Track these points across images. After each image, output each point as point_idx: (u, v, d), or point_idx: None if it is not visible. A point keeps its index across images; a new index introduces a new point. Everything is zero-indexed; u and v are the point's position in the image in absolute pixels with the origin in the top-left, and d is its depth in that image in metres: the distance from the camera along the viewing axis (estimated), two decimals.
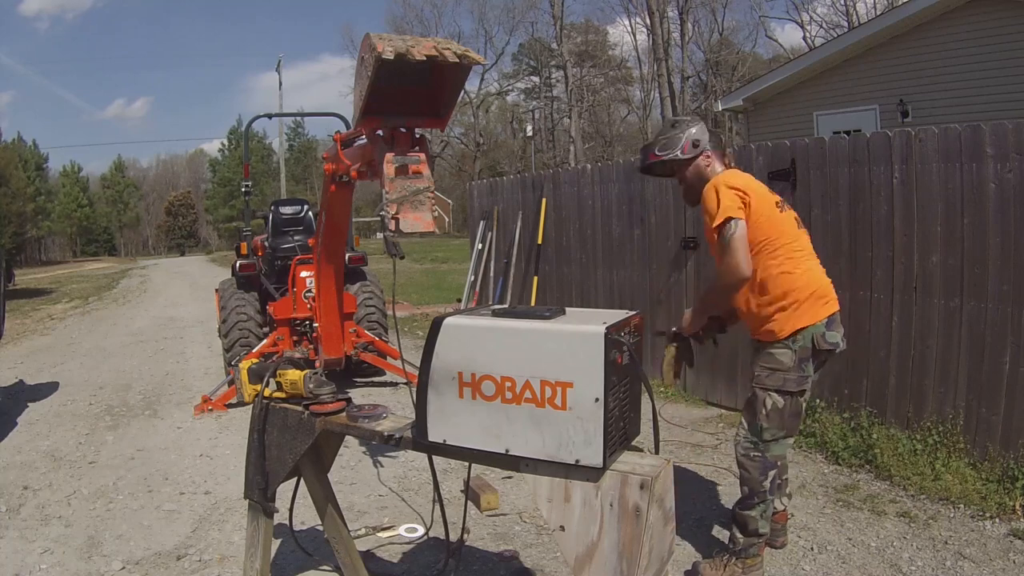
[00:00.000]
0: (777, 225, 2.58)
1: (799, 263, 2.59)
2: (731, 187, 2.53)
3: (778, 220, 2.59)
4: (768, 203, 2.59)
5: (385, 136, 2.42)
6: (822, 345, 2.57)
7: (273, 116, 8.49)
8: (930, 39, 9.29)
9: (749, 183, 2.59)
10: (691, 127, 2.71)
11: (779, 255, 2.56)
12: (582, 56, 38.46)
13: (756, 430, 2.64)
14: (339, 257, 3.58)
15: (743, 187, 2.54)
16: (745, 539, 2.63)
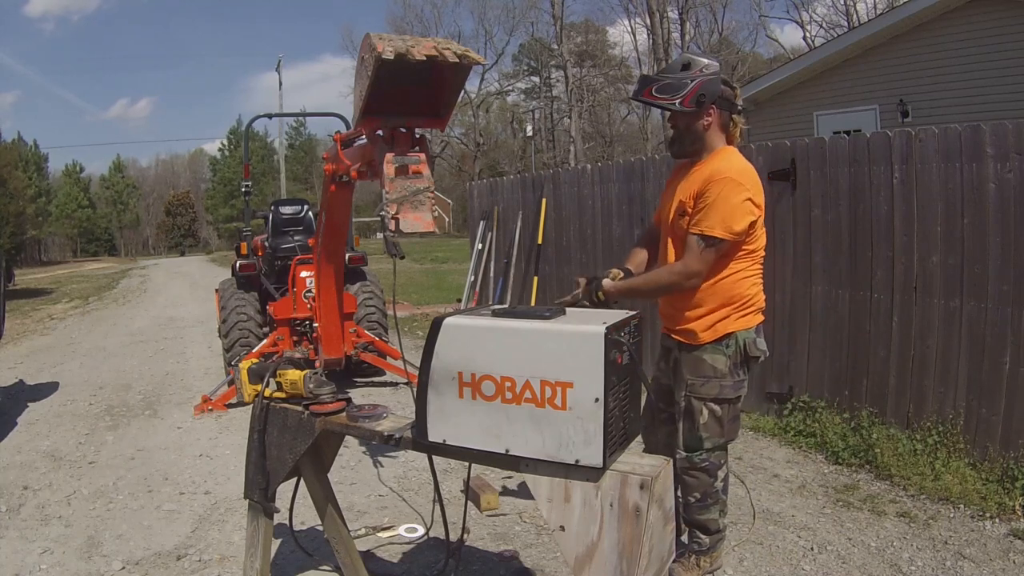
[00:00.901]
0: (760, 239, 2.49)
1: (759, 270, 2.52)
2: (750, 199, 2.36)
3: (762, 237, 2.50)
4: (763, 218, 2.47)
5: (385, 136, 2.42)
6: (753, 351, 2.47)
7: (273, 116, 8.50)
8: (930, 39, 9.29)
9: (760, 193, 2.44)
10: (702, 77, 2.37)
11: (749, 259, 2.47)
12: (582, 56, 38.46)
13: (696, 442, 2.49)
14: (339, 257, 3.58)
15: (760, 204, 2.40)
16: (710, 538, 2.57)
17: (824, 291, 4.23)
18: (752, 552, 2.90)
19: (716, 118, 2.43)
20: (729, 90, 2.44)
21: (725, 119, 2.45)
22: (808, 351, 4.34)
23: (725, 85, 2.42)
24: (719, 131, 2.47)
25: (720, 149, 2.48)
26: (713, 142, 2.47)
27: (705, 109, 2.39)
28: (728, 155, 2.46)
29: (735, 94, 2.47)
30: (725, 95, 2.42)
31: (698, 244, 2.35)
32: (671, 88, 2.38)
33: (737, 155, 2.49)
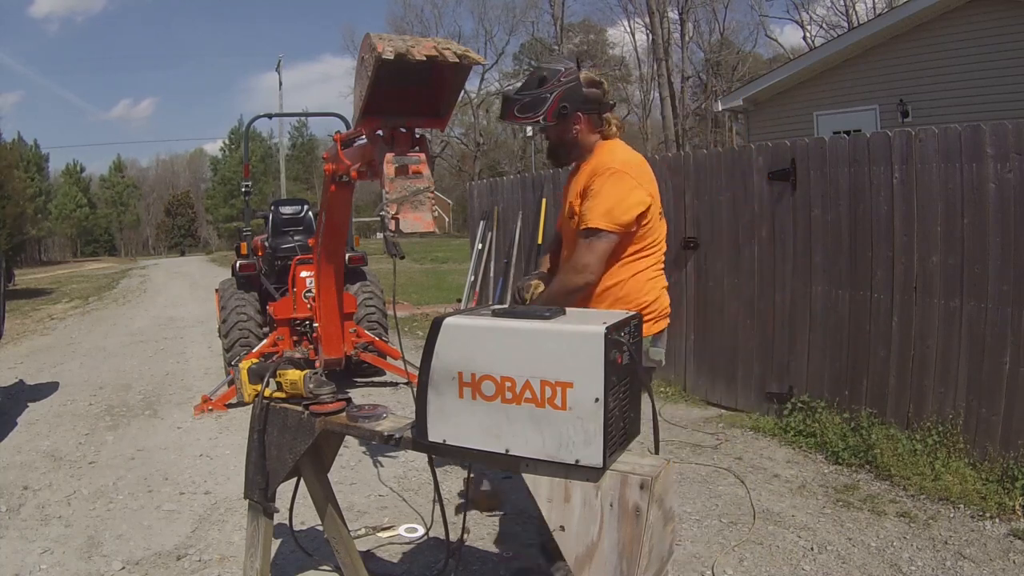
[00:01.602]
0: (657, 231, 2.37)
1: (659, 280, 2.41)
2: (637, 188, 2.25)
3: (659, 226, 2.38)
4: (657, 207, 2.36)
5: (385, 136, 2.42)
6: (647, 361, 2.35)
7: (273, 116, 8.51)
8: (930, 39, 9.29)
9: (651, 182, 2.34)
10: (560, 87, 2.28)
11: (648, 257, 2.36)
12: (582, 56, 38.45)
13: None
14: (339, 257, 3.58)
15: (652, 193, 2.30)
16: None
17: (824, 291, 4.23)
18: (752, 552, 2.90)
19: (584, 123, 2.36)
20: (594, 90, 2.35)
21: (595, 120, 2.37)
22: (808, 351, 4.34)
23: (591, 85, 2.33)
24: (592, 133, 2.39)
25: (600, 144, 2.39)
26: (589, 143, 2.39)
27: (571, 119, 2.32)
28: (610, 148, 2.38)
29: (603, 90, 2.37)
30: (589, 97, 2.33)
31: (584, 239, 2.24)
32: (531, 106, 2.31)
33: (621, 146, 2.40)
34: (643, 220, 2.28)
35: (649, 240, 2.34)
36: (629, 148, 2.41)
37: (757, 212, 4.61)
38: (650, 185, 2.33)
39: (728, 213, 4.81)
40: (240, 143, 51.21)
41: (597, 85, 2.35)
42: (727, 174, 4.81)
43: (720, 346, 4.96)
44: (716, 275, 4.95)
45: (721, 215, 4.87)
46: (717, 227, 4.91)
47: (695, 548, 2.95)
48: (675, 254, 5.25)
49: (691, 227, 5.12)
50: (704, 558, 2.87)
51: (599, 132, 2.39)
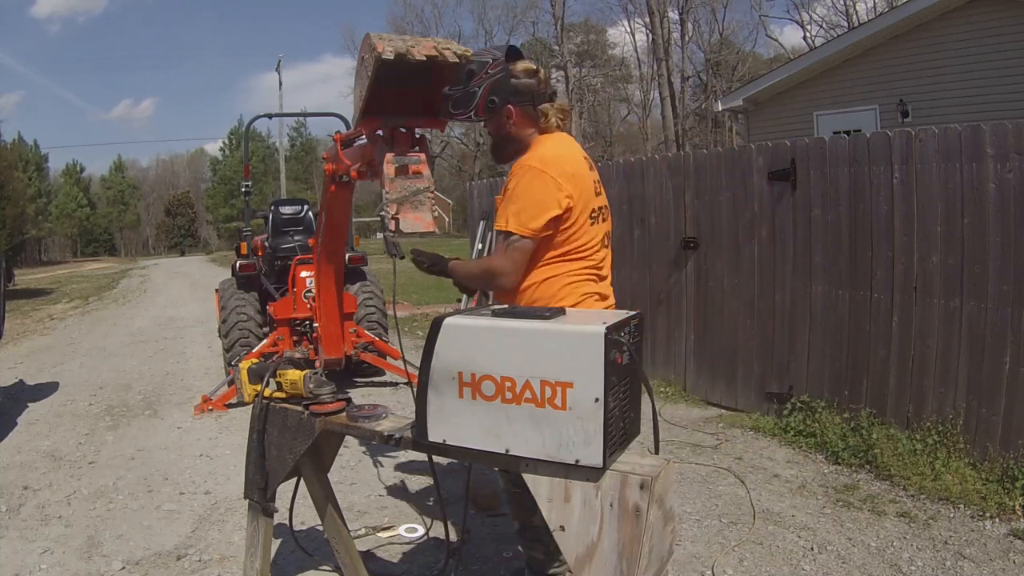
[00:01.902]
0: (585, 236, 2.15)
1: (581, 286, 2.16)
2: (555, 189, 2.04)
3: (589, 231, 2.16)
4: (587, 212, 2.13)
5: (385, 136, 2.43)
6: None
7: (273, 116, 8.51)
8: (930, 39, 9.30)
9: (579, 185, 2.10)
10: (489, 80, 2.15)
11: (574, 261, 2.14)
12: (582, 56, 38.47)
13: None
14: (339, 257, 3.58)
15: (572, 194, 2.07)
16: None
17: (824, 291, 4.23)
18: (752, 552, 2.90)
19: (517, 117, 2.20)
20: (527, 80, 2.18)
21: (529, 111, 2.19)
22: (808, 351, 4.34)
23: (524, 76, 2.18)
24: (527, 127, 2.22)
25: (535, 139, 2.21)
26: (525, 137, 2.23)
27: (502, 112, 2.19)
28: (540, 143, 2.19)
29: (538, 80, 2.20)
30: (520, 89, 2.17)
31: (499, 241, 2.09)
32: (462, 102, 2.20)
33: (552, 141, 2.20)
34: (562, 224, 2.08)
35: (574, 245, 2.12)
36: (565, 143, 2.22)
37: (757, 212, 4.61)
38: (577, 186, 2.09)
39: (728, 213, 4.81)
40: (240, 143, 51.23)
41: (531, 75, 2.19)
42: (727, 174, 4.81)
43: (720, 346, 4.96)
44: (716, 275, 4.95)
45: (721, 215, 4.87)
46: (717, 227, 4.91)
47: (695, 548, 2.95)
48: (675, 254, 5.25)
49: (691, 227, 5.12)
50: (704, 558, 2.87)
51: (535, 126, 2.22)
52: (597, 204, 2.19)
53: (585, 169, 2.18)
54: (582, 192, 2.11)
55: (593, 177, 2.22)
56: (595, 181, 2.23)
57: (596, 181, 2.24)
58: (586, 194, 2.13)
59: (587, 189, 2.14)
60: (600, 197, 2.22)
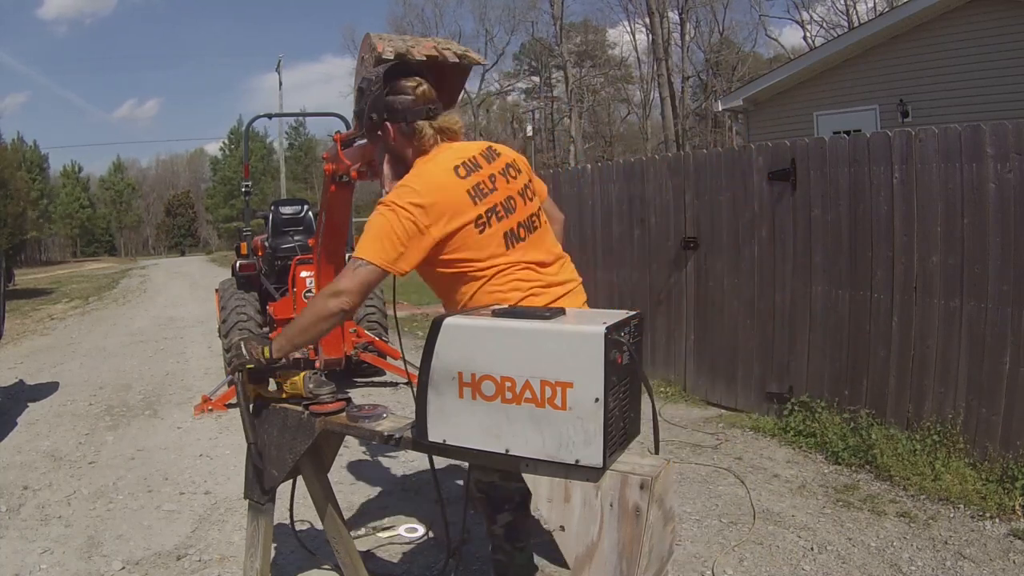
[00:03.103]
0: (485, 247, 1.99)
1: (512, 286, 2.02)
2: (408, 205, 1.87)
3: (478, 244, 1.98)
4: (466, 224, 1.94)
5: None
6: None
7: (273, 116, 8.51)
8: (930, 39, 9.30)
9: (441, 205, 1.91)
10: (369, 97, 2.06)
11: (490, 273, 2.00)
12: (582, 56, 38.47)
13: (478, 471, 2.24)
14: (339, 257, 3.58)
15: (430, 223, 1.88)
16: None
17: (824, 291, 4.23)
18: (752, 552, 2.90)
19: (394, 132, 2.07)
20: (403, 97, 2.04)
21: (403, 128, 2.06)
22: (808, 351, 4.34)
23: (403, 92, 2.05)
24: (406, 144, 2.09)
25: (416, 163, 2.07)
26: (408, 158, 2.10)
27: (383, 131, 2.08)
28: (415, 166, 2.05)
29: (415, 96, 2.05)
30: (395, 105, 2.04)
31: (351, 264, 1.89)
32: (360, 120, 2.14)
33: (422, 163, 2.05)
34: (446, 248, 1.94)
35: (477, 256, 1.98)
36: (430, 160, 2.04)
37: (757, 212, 4.61)
38: (435, 209, 1.90)
39: (728, 213, 4.81)
40: (240, 143, 51.24)
41: (409, 91, 2.06)
42: (727, 174, 4.81)
43: (720, 346, 4.96)
44: (716, 275, 4.95)
45: (721, 215, 4.87)
46: (717, 227, 4.91)
47: (695, 548, 2.95)
48: (675, 254, 5.25)
49: (691, 227, 5.12)
50: (704, 558, 2.87)
51: (411, 145, 2.08)
52: (484, 208, 1.97)
53: (452, 181, 1.96)
54: (447, 210, 1.92)
55: (480, 177, 2.01)
56: (489, 177, 2.03)
57: (492, 175, 2.04)
58: (456, 208, 1.93)
59: (456, 203, 1.94)
60: (495, 194, 2.01)
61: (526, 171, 2.18)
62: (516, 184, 2.10)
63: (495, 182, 2.04)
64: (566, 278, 2.14)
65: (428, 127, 2.05)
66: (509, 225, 2.03)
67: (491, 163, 2.08)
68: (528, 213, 2.10)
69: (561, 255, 2.19)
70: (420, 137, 2.05)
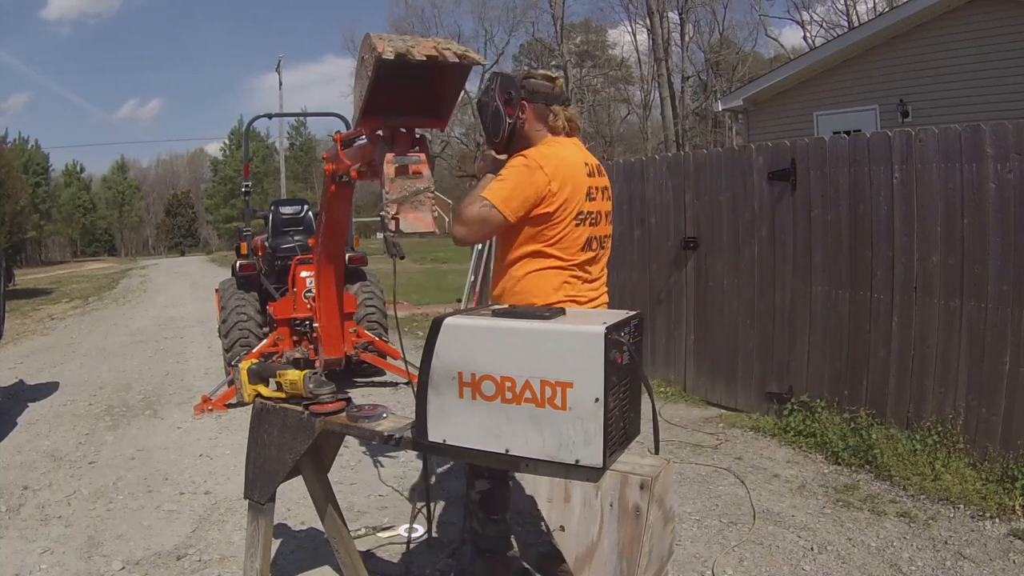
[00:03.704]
0: (563, 233, 2.24)
1: (562, 289, 2.28)
2: (546, 182, 2.18)
3: (569, 231, 2.25)
4: (572, 211, 2.24)
5: (385, 136, 2.42)
6: None
7: (273, 116, 8.51)
8: (930, 39, 9.29)
9: (568, 184, 2.22)
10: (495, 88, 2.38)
11: (552, 259, 2.25)
12: (582, 56, 38.46)
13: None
14: (339, 257, 3.58)
15: (557, 190, 2.19)
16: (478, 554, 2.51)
17: (824, 291, 4.23)
18: (752, 552, 2.90)
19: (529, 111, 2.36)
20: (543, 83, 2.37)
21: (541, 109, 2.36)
22: (808, 351, 4.34)
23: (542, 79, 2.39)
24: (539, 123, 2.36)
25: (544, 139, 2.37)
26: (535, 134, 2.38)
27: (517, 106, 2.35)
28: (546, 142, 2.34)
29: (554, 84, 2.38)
30: (534, 88, 2.36)
31: (475, 199, 2.22)
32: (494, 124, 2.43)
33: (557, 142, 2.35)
34: (540, 213, 2.20)
35: (551, 238, 2.24)
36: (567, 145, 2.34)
37: (757, 212, 4.61)
38: (565, 184, 2.22)
39: (728, 213, 4.81)
40: (240, 143, 51.24)
41: (547, 79, 2.40)
42: (727, 174, 4.81)
43: (720, 346, 4.96)
44: (716, 275, 4.95)
45: (721, 215, 4.87)
46: (717, 227, 4.91)
47: (695, 548, 2.95)
48: (675, 254, 5.25)
49: (691, 227, 5.12)
50: (704, 558, 2.87)
51: (545, 124, 2.37)
52: (589, 208, 2.28)
53: (581, 173, 2.28)
54: (571, 192, 2.22)
55: (594, 184, 2.33)
56: (597, 188, 2.34)
57: (598, 188, 2.35)
58: (575, 195, 2.24)
59: (577, 190, 2.24)
60: (596, 203, 2.33)
61: (611, 200, 2.50)
62: (606, 206, 2.42)
63: (598, 195, 2.36)
64: (599, 293, 2.46)
65: (562, 111, 2.35)
66: (593, 233, 2.33)
67: (599, 178, 2.40)
68: (604, 233, 2.41)
69: (603, 277, 2.52)
70: (556, 119, 2.33)
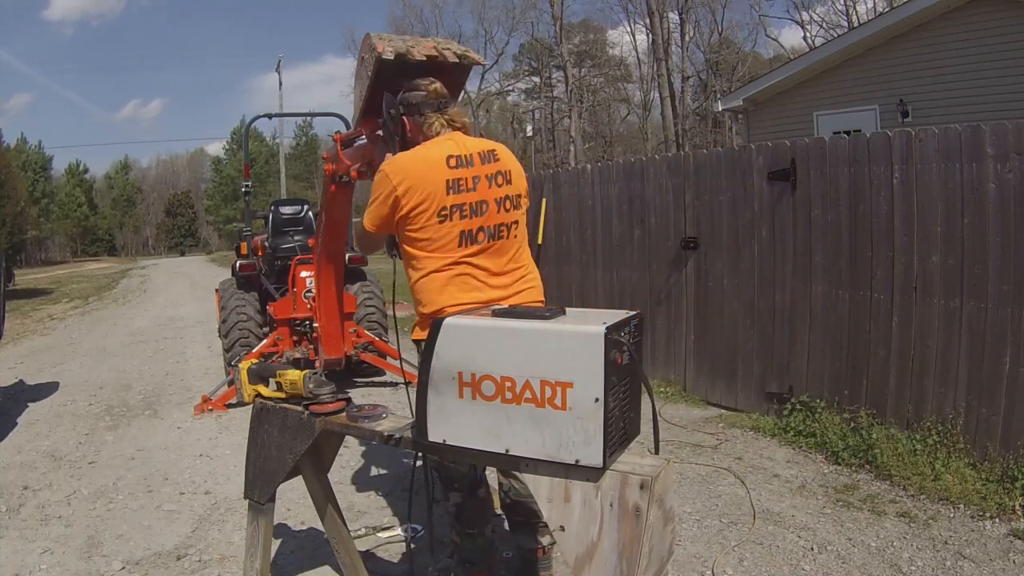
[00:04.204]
0: (430, 234, 2.15)
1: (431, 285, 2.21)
2: (392, 188, 2.12)
3: (433, 229, 2.15)
4: (430, 209, 2.13)
5: (385, 136, 2.42)
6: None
7: (273, 116, 8.51)
8: (930, 39, 9.29)
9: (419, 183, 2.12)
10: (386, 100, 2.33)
11: (434, 265, 2.18)
12: (582, 56, 38.45)
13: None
14: (339, 257, 3.58)
15: (404, 192, 2.11)
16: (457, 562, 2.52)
17: (824, 291, 4.23)
18: (752, 552, 2.90)
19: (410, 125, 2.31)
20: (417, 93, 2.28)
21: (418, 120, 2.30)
22: (808, 351, 4.34)
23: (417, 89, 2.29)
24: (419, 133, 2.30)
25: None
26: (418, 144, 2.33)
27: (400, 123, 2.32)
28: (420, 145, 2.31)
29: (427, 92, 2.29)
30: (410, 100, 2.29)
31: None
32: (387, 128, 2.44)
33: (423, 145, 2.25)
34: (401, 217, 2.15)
35: (422, 240, 2.16)
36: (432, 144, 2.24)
37: (757, 212, 4.61)
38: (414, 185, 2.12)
39: (728, 213, 4.81)
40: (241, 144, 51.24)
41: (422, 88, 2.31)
42: (727, 174, 4.81)
43: (720, 346, 4.96)
44: (716, 275, 4.95)
45: (721, 215, 4.87)
46: (717, 227, 4.91)
47: (695, 548, 2.95)
48: (675, 254, 5.25)
49: (691, 227, 5.12)
50: (704, 558, 2.87)
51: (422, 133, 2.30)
52: (457, 200, 2.13)
53: (438, 168, 2.13)
54: (420, 190, 2.10)
55: (464, 174, 2.16)
56: (476, 176, 2.17)
57: (482, 176, 2.18)
58: (428, 192, 2.11)
59: (429, 186, 2.11)
60: (472, 193, 2.16)
61: (518, 184, 2.30)
62: (498, 191, 2.21)
63: (477, 183, 2.17)
64: (515, 291, 2.25)
65: (436, 117, 2.25)
66: (470, 226, 2.16)
67: (484, 165, 2.21)
68: (498, 222, 2.21)
69: (519, 270, 2.29)
70: (430, 126, 2.24)
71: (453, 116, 2.28)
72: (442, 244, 2.16)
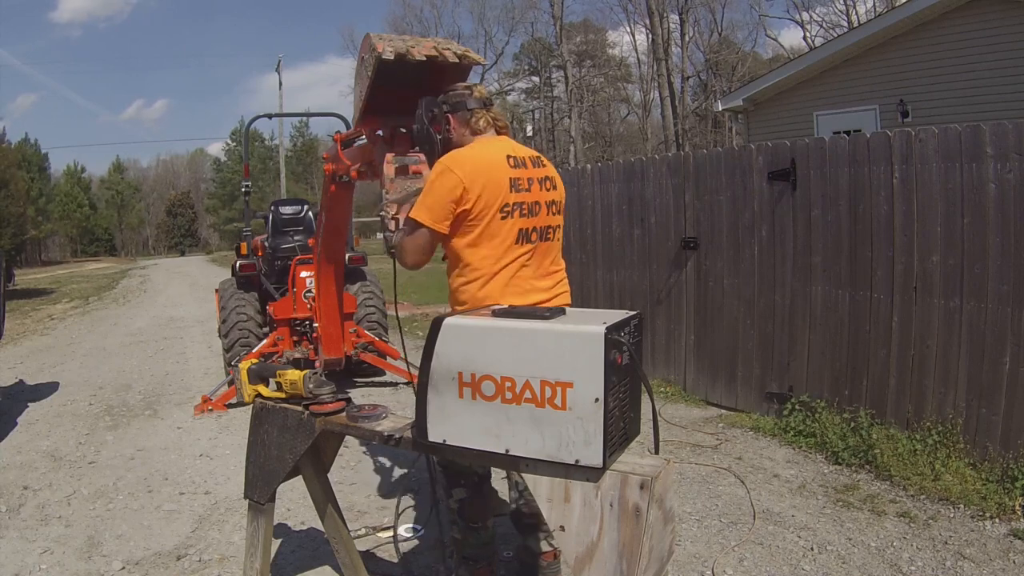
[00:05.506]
0: (490, 229, 2.18)
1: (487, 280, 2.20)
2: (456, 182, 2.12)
3: (494, 225, 2.18)
4: (493, 206, 2.16)
5: (385, 136, 2.43)
6: None
7: (273, 116, 8.50)
8: (930, 39, 9.29)
9: (483, 179, 2.14)
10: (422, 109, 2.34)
11: (479, 258, 2.20)
12: (582, 56, 38.46)
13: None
14: (339, 257, 3.59)
15: (471, 186, 2.12)
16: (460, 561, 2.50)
17: (824, 291, 4.23)
18: (752, 552, 2.90)
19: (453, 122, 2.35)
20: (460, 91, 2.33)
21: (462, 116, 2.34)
22: (808, 351, 4.34)
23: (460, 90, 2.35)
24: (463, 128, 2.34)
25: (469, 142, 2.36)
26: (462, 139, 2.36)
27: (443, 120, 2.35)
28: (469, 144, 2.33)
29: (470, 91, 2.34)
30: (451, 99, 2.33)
31: (406, 224, 2.23)
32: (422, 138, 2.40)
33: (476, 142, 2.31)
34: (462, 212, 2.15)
35: (477, 235, 2.18)
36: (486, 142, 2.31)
37: (757, 212, 4.61)
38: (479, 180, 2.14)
39: (728, 213, 4.81)
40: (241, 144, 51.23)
41: (463, 88, 2.36)
42: (727, 174, 4.81)
43: (720, 346, 4.96)
44: (716, 275, 4.95)
45: (721, 215, 4.87)
46: (717, 227, 4.91)
47: (695, 548, 2.95)
48: (675, 254, 5.25)
49: (691, 227, 5.12)
50: (704, 558, 2.87)
51: (468, 128, 2.33)
52: (517, 199, 2.20)
53: (500, 166, 2.19)
54: (486, 185, 2.14)
55: (523, 174, 2.23)
56: (530, 178, 2.25)
57: (533, 179, 2.27)
58: (493, 188, 2.16)
59: (494, 183, 2.16)
60: (528, 193, 2.23)
61: (561, 191, 2.42)
62: (547, 195, 2.33)
63: (532, 185, 2.27)
64: (555, 294, 2.34)
65: (481, 113, 2.31)
66: (526, 225, 2.24)
67: (535, 168, 2.32)
68: (546, 224, 2.31)
69: (559, 273, 2.40)
70: (477, 120, 2.29)
71: (496, 115, 2.36)
72: (501, 240, 2.20)
